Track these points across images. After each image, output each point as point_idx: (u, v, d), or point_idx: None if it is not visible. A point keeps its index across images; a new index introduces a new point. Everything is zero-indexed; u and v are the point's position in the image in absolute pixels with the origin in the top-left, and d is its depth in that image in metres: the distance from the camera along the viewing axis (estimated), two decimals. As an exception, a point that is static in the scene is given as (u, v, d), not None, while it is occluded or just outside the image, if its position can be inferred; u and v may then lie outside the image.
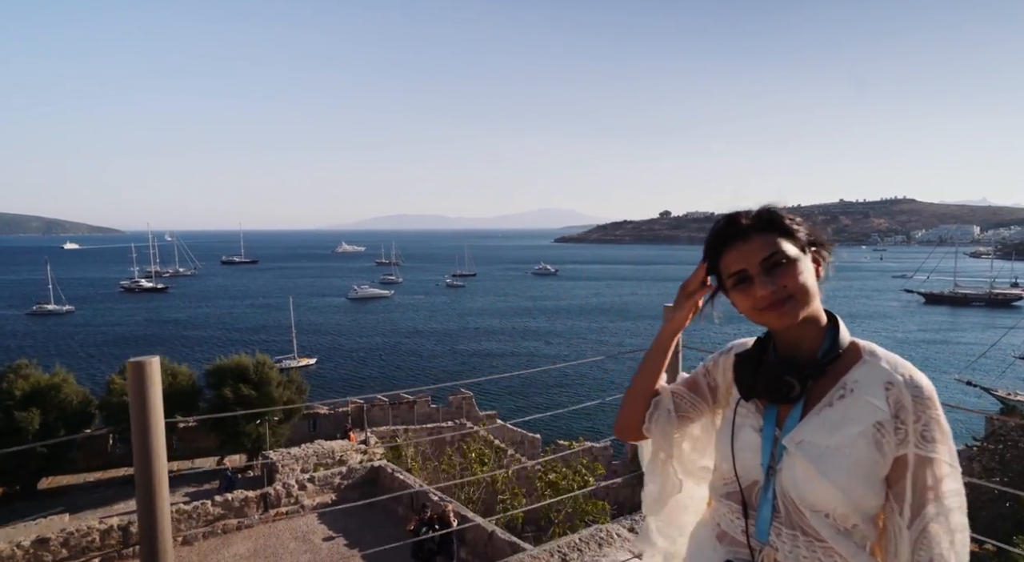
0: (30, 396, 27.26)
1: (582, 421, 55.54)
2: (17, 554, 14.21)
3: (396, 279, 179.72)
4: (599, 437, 47.91)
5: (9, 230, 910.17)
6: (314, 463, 28.41)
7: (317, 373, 71.23)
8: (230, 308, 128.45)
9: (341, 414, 36.50)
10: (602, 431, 52.46)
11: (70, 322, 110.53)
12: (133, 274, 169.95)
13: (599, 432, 51.91)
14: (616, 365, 76.63)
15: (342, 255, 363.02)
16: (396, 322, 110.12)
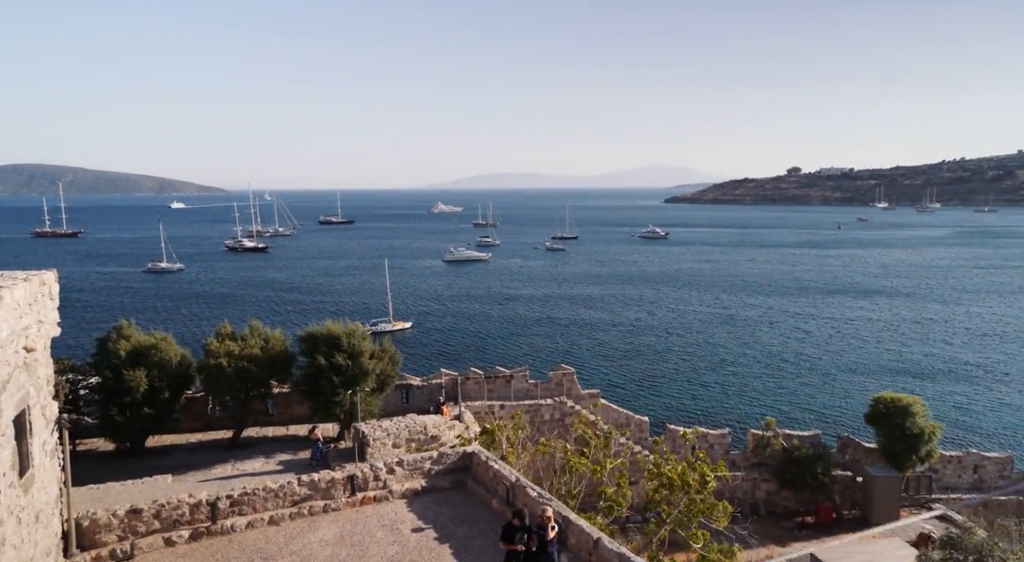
0: (133, 356, 29.29)
1: (694, 402, 53.33)
2: (113, 523, 14.90)
3: (493, 241, 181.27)
4: (716, 423, 45.75)
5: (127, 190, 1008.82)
6: (405, 438, 28.64)
7: (411, 338, 73.18)
8: (326, 269, 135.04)
9: (434, 386, 36.77)
10: (718, 415, 50.11)
11: (180, 279, 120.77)
12: (236, 233, 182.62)
13: (715, 416, 49.61)
14: (730, 340, 73.01)
15: (438, 215, 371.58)
16: (492, 287, 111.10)
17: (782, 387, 57.32)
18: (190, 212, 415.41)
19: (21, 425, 12.37)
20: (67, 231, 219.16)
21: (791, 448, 35.24)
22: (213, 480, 25.56)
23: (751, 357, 66.70)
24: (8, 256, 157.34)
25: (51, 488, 13.95)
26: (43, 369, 13.65)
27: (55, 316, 14.24)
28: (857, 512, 34.89)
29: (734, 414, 50.35)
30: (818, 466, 34.07)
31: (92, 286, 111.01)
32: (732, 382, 58.42)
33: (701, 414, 50.21)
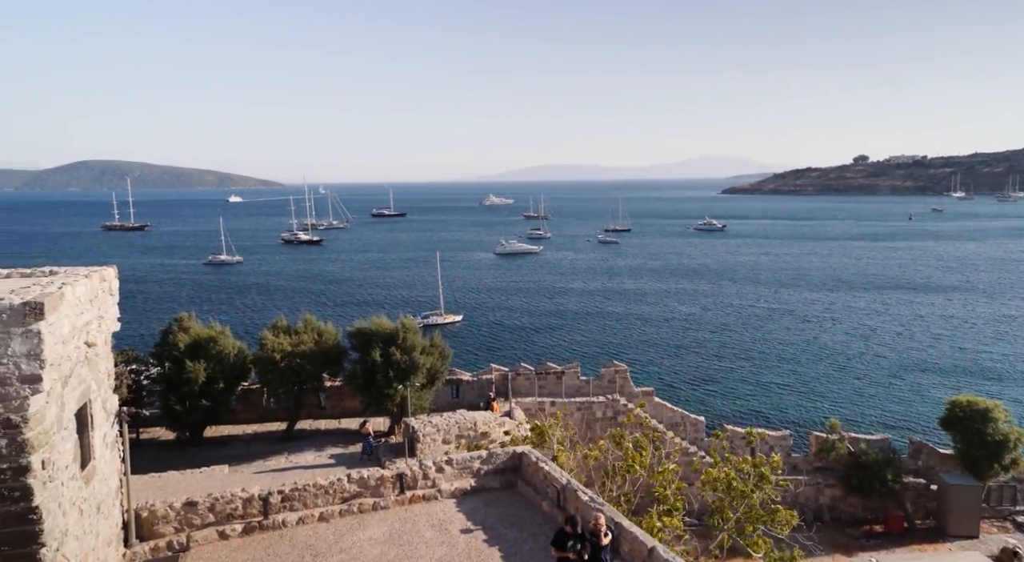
0: (192, 348, 30.31)
1: (752, 402, 51.80)
2: (170, 514, 15.32)
3: (544, 234, 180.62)
4: (776, 423, 44.29)
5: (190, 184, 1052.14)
6: (455, 434, 28.73)
7: (461, 332, 73.57)
8: (378, 262, 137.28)
9: (485, 381, 36.76)
10: (779, 414, 48.53)
11: (239, 271, 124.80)
12: (292, 226, 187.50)
13: (774, 416, 48.07)
14: (790, 337, 70.66)
15: (490, 208, 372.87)
16: (543, 280, 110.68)
17: (846, 387, 55.09)
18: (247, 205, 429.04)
19: (83, 418, 12.78)
20: (135, 224, 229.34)
21: (858, 452, 33.74)
22: (267, 472, 26.17)
23: (812, 355, 64.39)
24: (80, 249, 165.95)
25: (112, 480, 14.41)
26: (103, 363, 14.08)
27: (115, 311, 14.67)
28: (931, 522, 33.17)
29: (794, 415, 48.67)
30: (888, 472, 32.50)
31: (156, 277, 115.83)
32: (792, 381, 56.50)
33: (759, 414, 48.72)
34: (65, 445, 11.67)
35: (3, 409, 10.19)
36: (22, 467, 10.29)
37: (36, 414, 10.48)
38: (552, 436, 20.65)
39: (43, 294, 10.75)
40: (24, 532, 10.38)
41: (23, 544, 10.40)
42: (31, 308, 10.29)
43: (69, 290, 11.78)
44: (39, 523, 10.47)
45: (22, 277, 13.76)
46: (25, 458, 10.31)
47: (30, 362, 10.30)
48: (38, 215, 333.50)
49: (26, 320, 10.26)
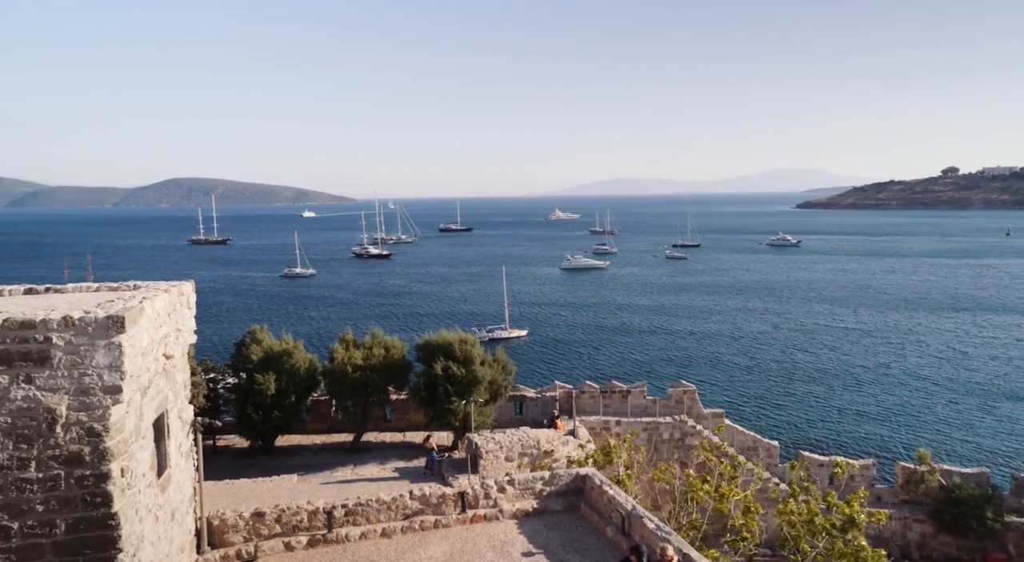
0: (265, 361, 31.33)
1: (830, 427, 49.22)
2: (239, 524, 15.67)
3: (611, 249, 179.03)
4: (856, 451, 41.85)
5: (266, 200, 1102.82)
6: (518, 452, 28.46)
7: (526, 347, 73.45)
8: (445, 275, 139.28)
9: (549, 399, 36.41)
10: (859, 442, 45.87)
11: (312, 283, 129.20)
12: (362, 241, 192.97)
13: (854, 444, 45.45)
14: (870, 360, 66.92)
15: (556, 222, 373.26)
16: (609, 296, 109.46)
17: (934, 415, 51.60)
18: (320, 220, 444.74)
19: (160, 428, 13.23)
20: (218, 238, 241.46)
21: (951, 486, 31.39)
22: (334, 483, 26.63)
23: (894, 379, 60.75)
24: (167, 261, 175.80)
25: (186, 488, 14.86)
26: (180, 374, 14.59)
27: (192, 324, 15.21)
28: (1034, 566, 30.50)
29: (876, 443, 45.89)
30: (987, 509, 30.06)
31: (235, 289, 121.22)
32: (872, 407, 53.39)
33: (837, 441, 46.21)
34: (143, 454, 12.09)
35: (86, 417, 10.62)
36: (103, 474, 10.69)
37: (116, 423, 10.89)
38: (618, 458, 20.08)
39: (125, 308, 11.19)
40: (104, 537, 10.75)
41: (103, 548, 10.77)
42: (114, 321, 10.72)
43: (149, 304, 12.25)
44: (118, 529, 10.83)
45: (109, 291, 14.45)
46: (106, 465, 10.71)
47: (112, 373, 10.72)
48: (132, 230, 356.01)
49: (109, 333, 10.69)
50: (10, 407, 10.31)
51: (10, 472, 10.31)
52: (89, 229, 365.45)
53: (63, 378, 10.54)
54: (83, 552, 10.68)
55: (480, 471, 26.77)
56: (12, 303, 13.07)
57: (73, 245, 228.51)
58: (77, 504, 10.60)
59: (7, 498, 10.33)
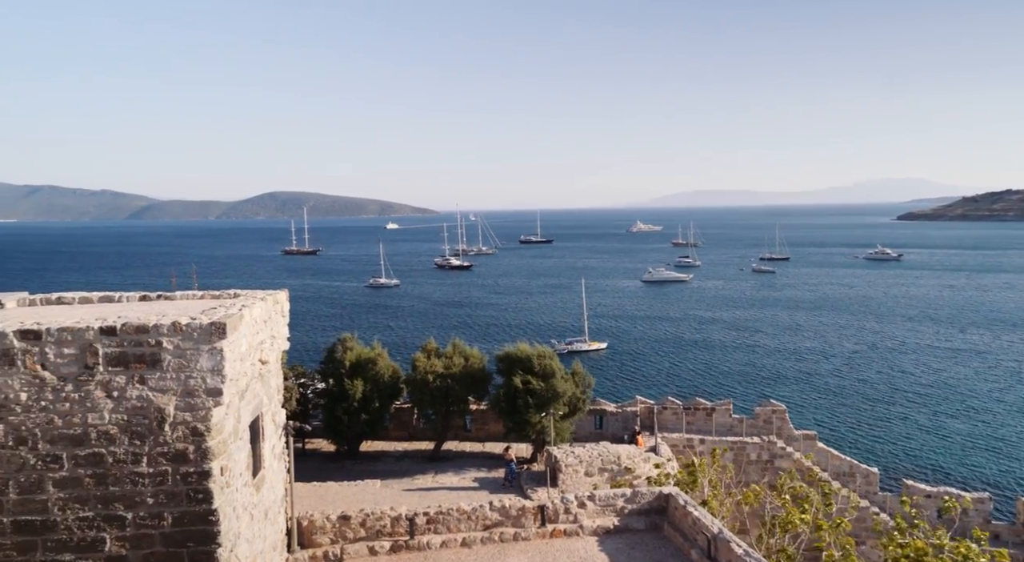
0: (353, 367, 32.41)
1: (935, 455, 45.74)
2: (327, 526, 16.18)
3: (694, 261, 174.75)
4: (967, 483, 38.64)
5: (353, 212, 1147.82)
6: (598, 467, 28.04)
7: (605, 360, 72.53)
8: (524, 287, 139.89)
9: (629, 414, 35.75)
10: (970, 473, 42.36)
11: (395, 293, 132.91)
12: (444, 252, 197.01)
13: (965, 474, 42.00)
14: (980, 383, 61.79)
15: (637, 234, 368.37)
16: (692, 310, 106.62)
17: (1059, 446, 47.04)
18: (403, 232, 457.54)
19: (255, 430, 13.89)
20: (308, 249, 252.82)
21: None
22: (415, 490, 27.09)
23: (1011, 405, 55.84)
24: (262, 270, 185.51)
25: (278, 488, 15.51)
26: (274, 379, 15.29)
27: (286, 331, 15.92)
28: None
29: (990, 475, 42.24)
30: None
31: (323, 298, 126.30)
32: (986, 435, 49.23)
33: (943, 471, 42.86)
34: (240, 454, 12.71)
35: (191, 418, 11.29)
36: (205, 472, 11.31)
37: (217, 424, 11.50)
38: (703, 478, 19.39)
39: (226, 315, 11.83)
40: (205, 532, 11.36)
41: (204, 542, 11.37)
42: (216, 328, 11.36)
43: (247, 312, 12.91)
44: (217, 524, 11.41)
45: (212, 299, 15.36)
46: (207, 464, 11.33)
47: (214, 377, 11.35)
48: (232, 241, 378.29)
49: (212, 338, 11.33)
50: (126, 405, 11.09)
51: (125, 465, 11.08)
52: (194, 240, 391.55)
53: (171, 380, 11.25)
54: (187, 544, 11.31)
55: (559, 485, 26.56)
56: (128, 309, 14.13)
57: (180, 254, 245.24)
58: (182, 499, 11.26)
59: (123, 490, 11.09)
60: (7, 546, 10.94)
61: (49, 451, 10.94)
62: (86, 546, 11.07)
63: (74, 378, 10.97)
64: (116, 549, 11.14)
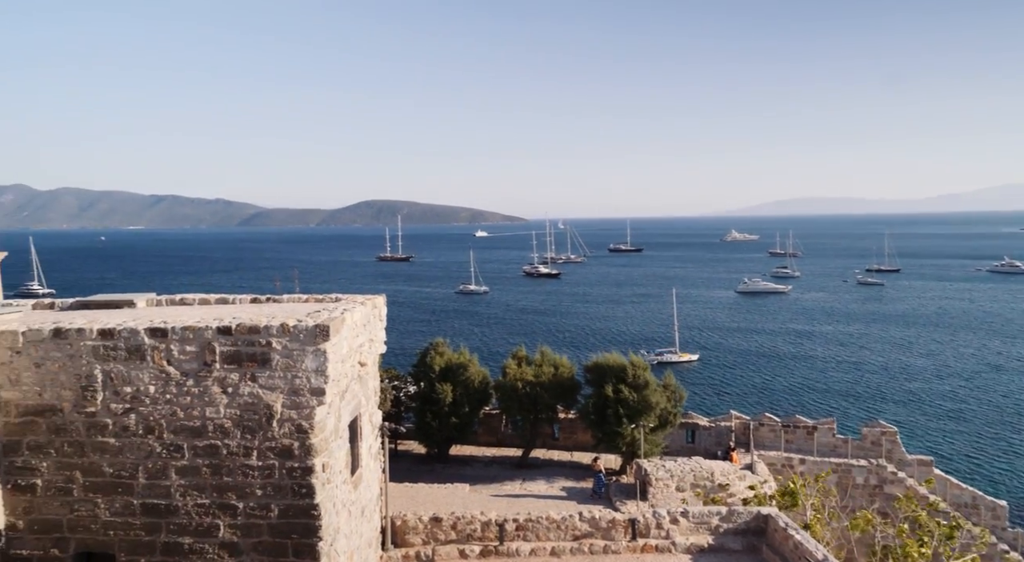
0: (444, 371, 33.09)
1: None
2: (419, 527, 16.58)
3: (792, 272, 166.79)
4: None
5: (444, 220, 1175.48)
6: (690, 482, 27.20)
7: (697, 372, 70.39)
8: (613, 296, 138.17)
9: (723, 428, 34.48)
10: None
11: (485, 300, 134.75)
12: (532, 260, 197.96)
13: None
14: None
15: (732, 244, 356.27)
16: (790, 323, 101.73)
17: None
18: (492, 240, 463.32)
19: (354, 430, 14.42)
20: (401, 256, 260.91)
21: None
22: (503, 496, 27.22)
23: None
24: (358, 276, 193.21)
25: (374, 487, 16.02)
26: (372, 381, 15.83)
27: (383, 335, 16.46)
28: None
29: None
30: None
31: (415, 303, 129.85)
32: None
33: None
34: (339, 452, 13.23)
35: (296, 416, 11.86)
36: (308, 468, 11.85)
37: (320, 423, 12.03)
38: (805, 500, 18.36)
39: (329, 318, 12.37)
40: (308, 525, 11.89)
41: (307, 535, 11.91)
42: (320, 330, 11.89)
43: (349, 315, 13.44)
44: (319, 519, 11.92)
45: (316, 302, 16.12)
46: (311, 460, 11.86)
47: (317, 377, 11.88)
48: (330, 247, 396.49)
49: (316, 340, 11.88)
50: (239, 401, 11.80)
51: (237, 458, 11.78)
52: (296, 246, 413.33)
53: (279, 378, 11.87)
54: (291, 536, 11.87)
55: (649, 499, 25.95)
56: (241, 310, 15.04)
57: (283, 259, 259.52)
58: (287, 492, 11.84)
59: (235, 480, 11.80)
60: (136, 526, 11.87)
61: (172, 441, 11.80)
62: (203, 531, 11.84)
63: (194, 374, 11.79)
64: (229, 536, 11.84)
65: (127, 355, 11.70)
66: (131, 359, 11.71)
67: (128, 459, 11.81)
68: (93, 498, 11.86)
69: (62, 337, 11.73)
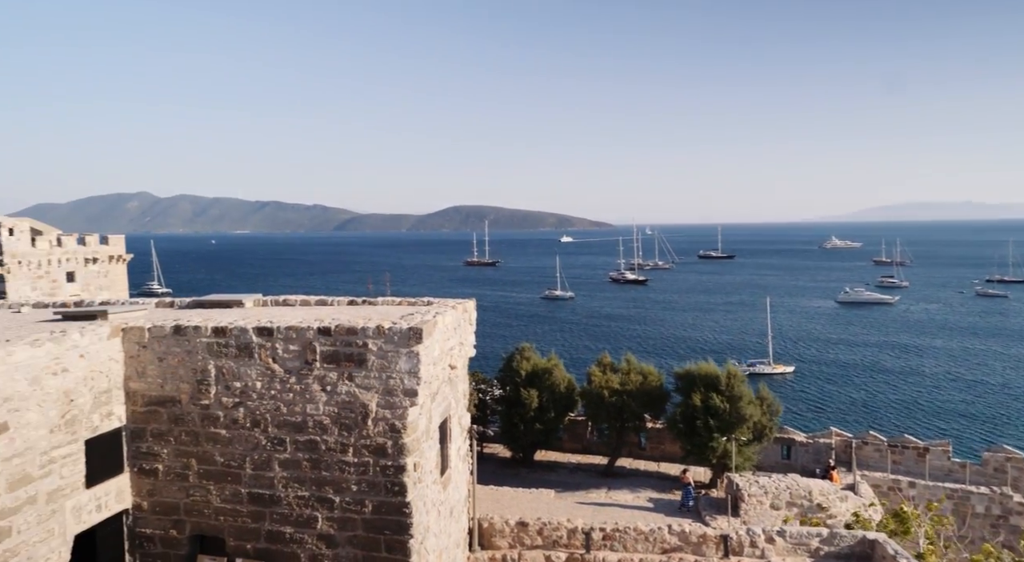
0: (530, 376, 33.21)
1: None
2: (506, 530, 16.69)
3: (900, 282, 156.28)
4: None
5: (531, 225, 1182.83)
6: (786, 500, 25.96)
7: (792, 386, 67.14)
8: (702, 304, 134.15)
9: (822, 446, 32.69)
10: None
11: (570, 306, 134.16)
12: (619, 266, 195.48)
13: None
14: None
15: (832, 251, 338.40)
16: (897, 335, 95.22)
17: None
18: (579, 245, 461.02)
19: (444, 431, 14.72)
20: (488, 261, 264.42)
21: None
22: (588, 504, 26.98)
23: None
24: (446, 280, 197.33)
25: (462, 488, 16.28)
26: (461, 384, 16.10)
27: (472, 339, 16.71)
28: None
29: None
30: None
31: (500, 308, 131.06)
32: None
33: None
34: (430, 453, 13.53)
35: (390, 415, 12.24)
36: (400, 466, 12.20)
37: (412, 423, 12.36)
38: (918, 527, 17.08)
39: (422, 321, 12.70)
40: (399, 522, 12.24)
41: (399, 532, 12.26)
42: (413, 332, 12.23)
43: (440, 319, 13.75)
44: (410, 516, 12.25)
45: (408, 305, 16.59)
46: (403, 459, 12.21)
47: (410, 378, 12.22)
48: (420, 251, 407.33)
49: (409, 342, 12.22)
50: (337, 399, 12.31)
51: (335, 453, 12.29)
52: (387, 250, 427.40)
53: (374, 379, 12.29)
54: (384, 532, 12.25)
55: (741, 515, 24.96)
56: (339, 312, 15.70)
57: (374, 263, 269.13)
58: (380, 489, 12.23)
59: (332, 475, 12.31)
60: (244, 513, 12.61)
61: (276, 434, 12.46)
62: (303, 522, 12.42)
63: (297, 371, 12.40)
64: (326, 528, 12.36)
65: (237, 352, 12.48)
66: (240, 356, 12.47)
67: (237, 450, 12.57)
68: (206, 485, 12.71)
69: (181, 334, 12.65)
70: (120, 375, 12.70)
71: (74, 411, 11.63)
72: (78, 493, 11.73)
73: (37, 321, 14.10)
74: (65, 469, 11.44)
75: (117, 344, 12.66)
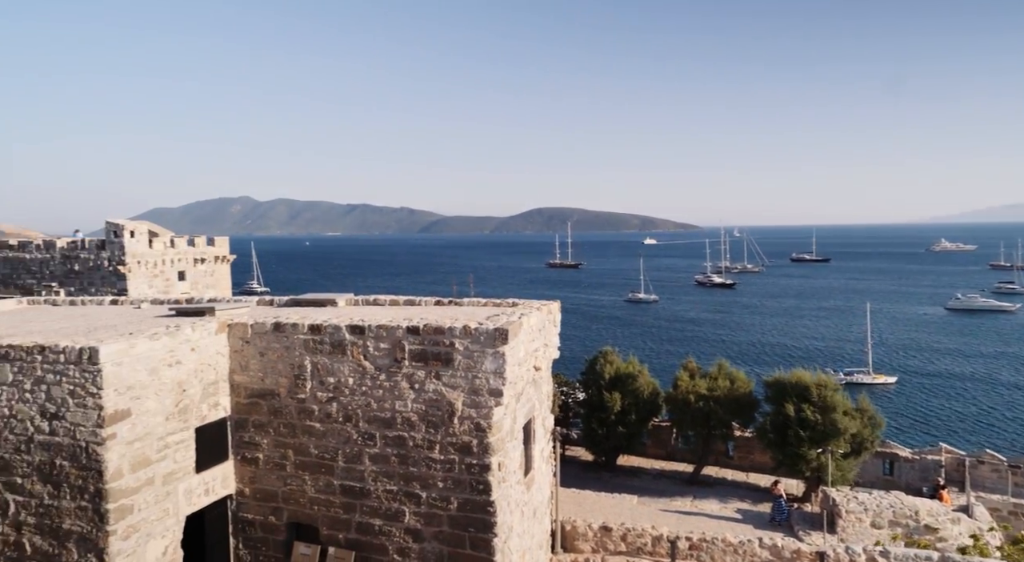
0: (613, 380, 32.79)
1: None
2: (588, 534, 16.58)
3: (1020, 288, 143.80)
4: None
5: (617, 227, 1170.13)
6: (888, 519, 24.36)
7: (895, 397, 63.06)
8: (794, 309, 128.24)
9: (930, 463, 30.50)
10: None
11: (654, 310, 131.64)
12: (706, 269, 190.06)
13: None
14: None
15: (940, 254, 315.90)
16: (1018, 346, 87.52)
17: None
18: (661, 247, 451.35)
19: (528, 432, 14.78)
20: (571, 263, 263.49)
21: None
22: (672, 512, 26.32)
23: None
24: (528, 281, 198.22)
25: (545, 489, 16.29)
26: (545, 386, 16.11)
27: (556, 341, 16.69)
28: None
29: None
30: None
31: (583, 310, 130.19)
32: None
33: None
34: (514, 453, 13.62)
35: (476, 414, 12.41)
36: (485, 465, 12.35)
37: (497, 423, 12.49)
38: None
39: (508, 322, 12.80)
40: (484, 520, 12.39)
41: (483, 530, 12.42)
42: (499, 333, 12.35)
43: (526, 320, 13.82)
44: (494, 515, 12.38)
45: (494, 306, 16.76)
46: (488, 458, 12.35)
47: (496, 378, 12.34)
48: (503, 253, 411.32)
49: (495, 343, 12.35)
50: (424, 397, 12.61)
51: (422, 450, 12.59)
52: (470, 251, 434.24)
53: (460, 378, 12.50)
54: (468, 529, 12.43)
55: (838, 532, 23.65)
56: (426, 312, 16.07)
57: (458, 264, 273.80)
58: (465, 487, 12.42)
59: (419, 471, 12.62)
60: (335, 504, 13.14)
61: (366, 429, 12.91)
62: (391, 515, 12.80)
63: (386, 369, 12.80)
64: (413, 522, 12.68)
65: (331, 349, 13.02)
66: (334, 352, 13.00)
67: (330, 443, 13.12)
68: (302, 475, 13.33)
69: (280, 330, 13.33)
70: (226, 368, 13.53)
71: (186, 401, 12.49)
72: (189, 477, 12.59)
73: (154, 316, 15.24)
74: (178, 454, 12.31)
75: (223, 339, 13.50)
